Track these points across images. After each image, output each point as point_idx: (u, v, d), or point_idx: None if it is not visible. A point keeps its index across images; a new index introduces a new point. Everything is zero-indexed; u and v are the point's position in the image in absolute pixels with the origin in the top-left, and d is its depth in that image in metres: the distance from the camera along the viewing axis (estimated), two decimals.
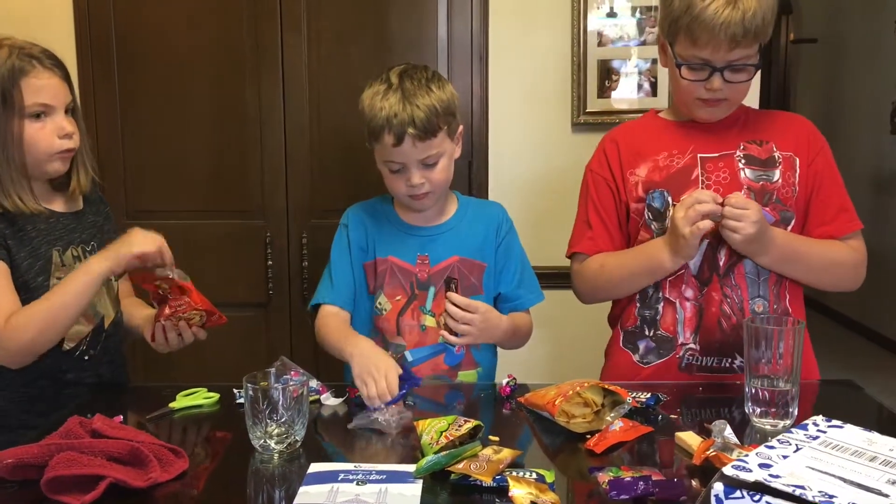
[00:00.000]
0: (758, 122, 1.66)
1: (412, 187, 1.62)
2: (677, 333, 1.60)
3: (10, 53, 1.47)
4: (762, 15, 1.48)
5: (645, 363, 1.63)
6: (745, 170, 1.59)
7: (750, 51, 1.52)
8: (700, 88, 1.56)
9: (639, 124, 1.75)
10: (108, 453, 1.13)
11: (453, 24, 2.46)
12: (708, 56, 1.52)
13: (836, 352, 4.93)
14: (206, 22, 2.46)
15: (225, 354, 2.52)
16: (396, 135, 1.56)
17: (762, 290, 1.58)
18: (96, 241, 1.64)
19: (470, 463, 1.13)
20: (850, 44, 5.48)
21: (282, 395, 1.23)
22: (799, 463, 0.92)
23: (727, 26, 1.46)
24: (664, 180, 1.61)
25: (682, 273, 1.59)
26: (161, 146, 2.52)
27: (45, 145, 1.50)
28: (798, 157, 1.61)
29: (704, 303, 1.58)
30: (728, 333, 1.57)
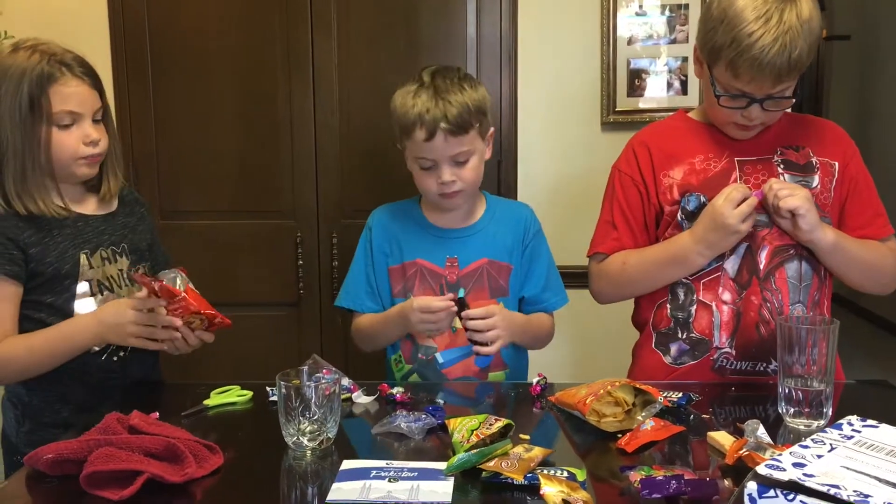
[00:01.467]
0: (793, 128, 1.64)
1: (443, 184, 1.63)
2: (713, 337, 1.58)
3: (42, 59, 1.49)
4: (808, 49, 1.44)
5: (678, 364, 1.62)
6: (785, 175, 1.57)
7: (791, 83, 1.50)
8: (737, 115, 1.54)
9: (669, 125, 1.73)
10: (145, 449, 1.15)
11: (482, 24, 2.47)
12: (749, 90, 1.49)
13: (870, 353, 4.86)
14: (238, 25, 2.49)
15: (257, 353, 2.56)
16: (429, 129, 1.58)
17: (803, 296, 1.57)
18: (126, 243, 1.66)
19: (501, 461, 1.14)
20: (883, 40, 5.40)
21: (314, 393, 1.24)
22: (833, 462, 0.92)
23: (773, 65, 1.43)
24: (701, 184, 1.59)
25: (718, 276, 1.57)
26: (194, 148, 2.55)
27: (71, 151, 1.52)
28: (836, 163, 1.60)
29: (743, 307, 1.56)
30: (766, 339, 1.55)
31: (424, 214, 1.75)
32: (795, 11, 1.43)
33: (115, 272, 1.62)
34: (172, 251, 2.57)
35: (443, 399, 1.46)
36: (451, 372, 1.68)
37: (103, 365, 1.57)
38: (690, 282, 1.60)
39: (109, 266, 1.61)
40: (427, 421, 1.33)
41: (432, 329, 1.62)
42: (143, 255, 1.70)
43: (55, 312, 1.53)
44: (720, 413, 1.40)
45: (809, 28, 1.44)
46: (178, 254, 2.58)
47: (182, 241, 2.57)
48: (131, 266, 1.65)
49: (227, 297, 2.60)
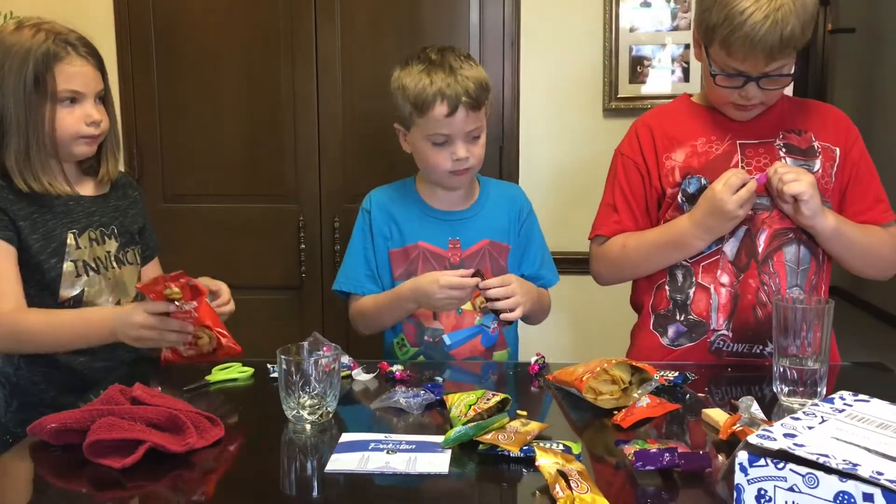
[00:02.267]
0: (795, 112, 1.65)
1: (457, 161, 1.65)
2: (710, 319, 1.60)
3: (47, 38, 1.50)
4: (801, 27, 1.45)
5: (676, 346, 1.63)
6: (787, 158, 1.58)
7: (787, 60, 1.50)
8: (734, 94, 1.55)
9: (672, 108, 1.73)
10: (147, 419, 1.17)
11: (485, 9, 2.47)
12: (744, 68, 1.50)
13: (870, 343, 4.87)
14: (242, 9, 2.50)
15: (258, 336, 2.54)
16: (451, 104, 1.60)
17: (800, 279, 1.57)
18: (116, 225, 1.66)
19: (498, 434, 1.15)
20: (888, 33, 5.39)
21: (314, 368, 1.26)
22: (824, 434, 0.93)
23: (764, 42, 1.44)
24: (702, 166, 1.60)
25: (717, 258, 1.58)
26: (197, 132, 2.57)
27: (72, 130, 1.54)
28: (837, 148, 1.60)
29: (741, 289, 1.57)
30: (762, 321, 1.56)
31: (422, 197, 1.76)
32: None
33: (103, 254, 1.62)
34: (175, 234, 2.61)
35: (441, 378, 1.48)
36: (459, 353, 1.70)
37: (90, 348, 1.57)
38: (689, 264, 1.61)
39: (98, 247, 1.61)
40: (426, 397, 1.34)
41: (455, 304, 1.63)
42: (133, 238, 1.71)
43: (43, 290, 1.54)
44: (716, 392, 1.41)
45: (802, 5, 1.44)
46: (181, 237, 2.61)
47: (185, 224, 2.59)
48: (120, 249, 1.65)
49: (230, 281, 2.60)
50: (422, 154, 1.68)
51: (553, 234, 2.51)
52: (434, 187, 1.75)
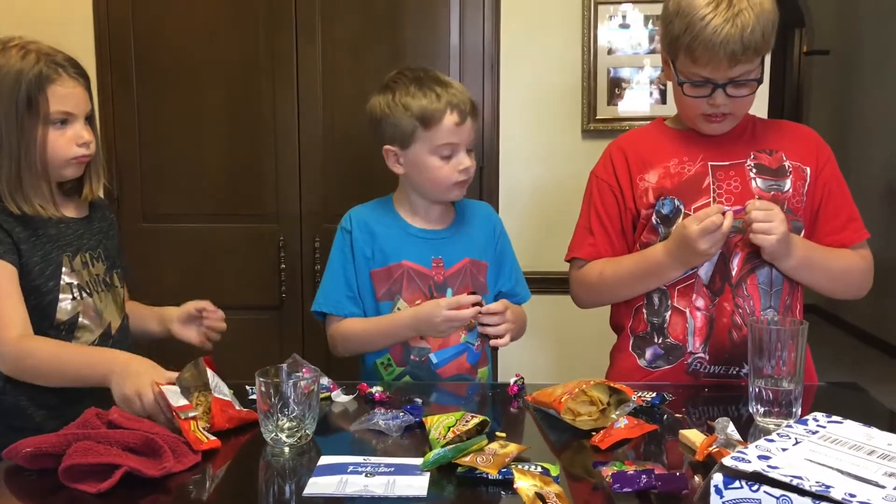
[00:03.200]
0: (766, 132, 1.66)
1: (464, 171, 1.69)
2: (687, 342, 1.61)
3: (38, 60, 1.50)
4: (761, 30, 1.48)
5: (653, 368, 1.64)
6: (757, 179, 1.60)
7: (751, 66, 1.53)
8: (703, 104, 1.57)
9: (646, 132, 1.76)
10: (124, 443, 1.16)
11: (465, 32, 2.50)
12: (709, 74, 1.53)
13: (847, 362, 4.93)
14: (223, 30, 2.51)
15: (238, 356, 2.54)
16: (461, 114, 1.67)
17: (774, 301, 1.59)
18: (102, 248, 1.65)
19: (476, 456, 1.15)
20: (861, 55, 5.49)
21: (293, 390, 1.26)
22: (798, 455, 0.94)
23: (726, 45, 1.47)
24: (675, 187, 1.62)
25: (692, 283, 1.59)
26: (177, 151, 2.56)
27: (63, 151, 1.53)
28: (808, 167, 1.62)
29: (716, 313, 1.58)
30: (738, 344, 1.57)
31: (402, 216, 1.77)
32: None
33: (93, 276, 1.61)
34: (155, 254, 2.60)
35: (420, 400, 1.48)
36: (445, 371, 1.71)
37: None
38: (665, 288, 1.63)
39: (90, 269, 1.61)
40: (405, 419, 1.34)
41: (456, 329, 1.66)
42: (115, 261, 1.70)
43: (39, 312, 1.53)
44: (693, 412, 1.42)
45: (762, 11, 1.49)
46: (161, 257, 2.60)
47: (164, 244, 2.58)
48: (107, 272, 1.64)
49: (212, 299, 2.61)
50: (425, 169, 1.69)
51: (532, 254, 2.54)
52: (414, 206, 1.76)
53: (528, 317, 1.87)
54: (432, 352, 1.70)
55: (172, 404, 1.29)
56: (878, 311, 5.06)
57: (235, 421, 1.34)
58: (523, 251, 2.51)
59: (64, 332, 1.55)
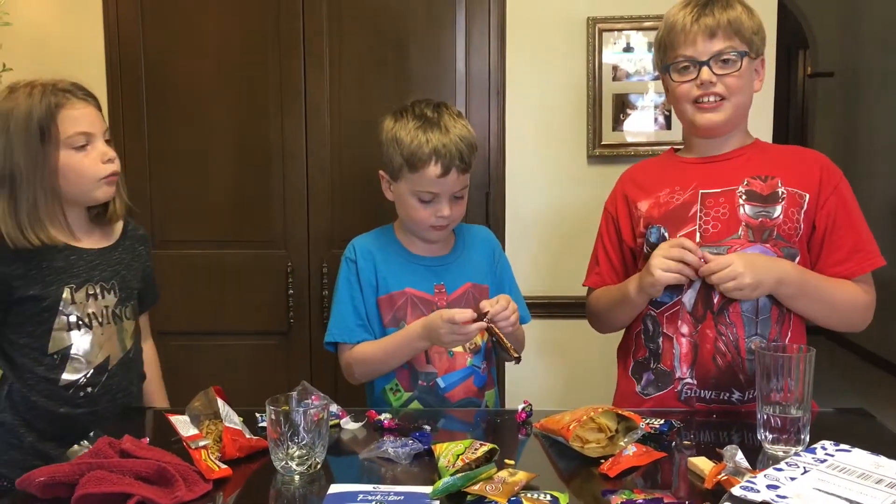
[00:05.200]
0: (766, 158, 1.65)
1: (441, 218, 1.67)
2: (674, 368, 1.61)
3: (44, 91, 1.53)
4: (737, 13, 1.57)
5: (645, 395, 1.66)
6: (745, 206, 1.59)
7: (731, 42, 1.57)
8: (693, 89, 1.60)
9: (653, 161, 1.80)
10: (136, 472, 1.17)
11: (471, 59, 2.52)
12: (690, 53, 1.58)
13: (854, 383, 4.91)
14: (233, 57, 2.54)
15: (247, 382, 2.57)
16: (445, 166, 1.63)
17: (760, 328, 1.57)
18: (117, 280, 1.65)
19: (486, 485, 1.16)
20: (865, 77, 5.51)
21: (303, 419, 1.26)
22: (806, 484, 0.95)
23: (702, 18, 1.57)
24: (661, 216, 1.64)
25: (678, 309, 1.61)
26: (187, 178, 2.59)
27: (92, 171, 1.56)
28: (807, 194, 1.59)
29: (699, 339, 1.59)
30: (723, 370, 1.57)
31: (403, 244, 1.78)
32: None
33: (101, 308, 1.61)
34: (163, 280, 2.60)
35: (429, 427, 1.48)
36: (453, 395, 1.71)
37: (69, 398, 1.57)
38: (655, 315, 1.65)
39: (95, 302, 1.61)
40: (414, 446, 1.35)
41: (461, 340, 1.63)
42: (132, 293, 1.70)
43: (32, 342, 1.56)
44: (701, 439, 1.42)
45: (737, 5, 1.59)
46: (169, 283, 2.61)
47: (173, 270, 2.60)
48: (117, 304, 1.65)
49: (218, 327, 2.64)
50: (405, 207, 1.71)
51: (539, 278, 2.55)
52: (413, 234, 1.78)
53: (536, 341, 1.88)
54: (439, 376, 1.71)
55: (182, 434, 1.30)
56: (886, 334, 5.04)
57: (246, 449, 1.34)
58: (530, 276, 2.53)
59: (58, 362, 1.56)
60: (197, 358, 2.61)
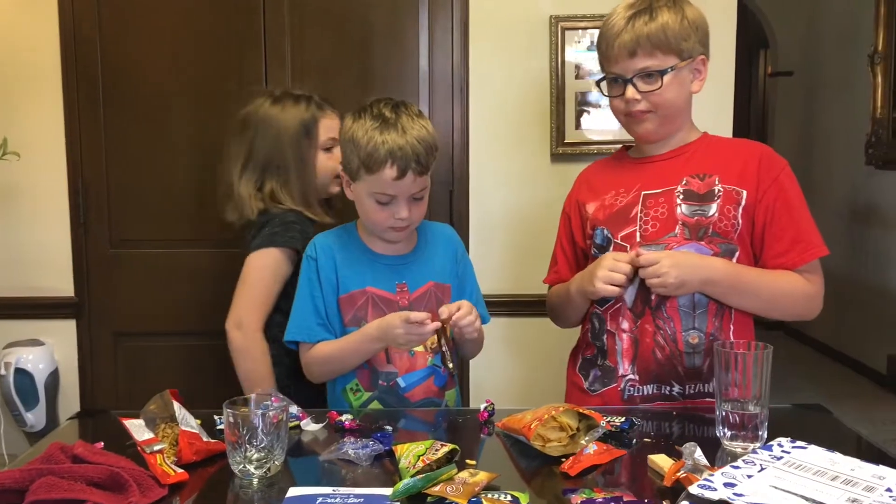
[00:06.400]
0: (707, 155, 1.67)
1: (399, 220, 1.65)
2: (618, 364, 1.65)
3: (308, 102, 1.99)
4: (658, 27, 1.58)
5: (592, 391, 1.69)
6: (682, 205, 1.62)
7: (654, 60, 1.59)
8: (622, 103, 1.64)
9: (605, 162, 1.83)
10: (89, 478, 1.14)
11: (434, 57, 2.51)
12: (617, 70, 1.62)
13: (814, 378, 4.99)
14: (192, 54, 2.51)
15: (208, 381, 2.53)
16: (401, 168, 1.60)
17: (698, 322, 1.60)
18: None
19: (446, 486, 1.15)
20: (825, 77, 5.60)
21: (261, 421, 1.25)
22: (763, 482, 0.95)
23: (621, 37, 1.59)
24: (606, 218, 1.68)
25: (619, 306, 1.64)
26: (145, 175, 2.55)
27: (332, 170, 1.99)
28: (745, 191, 1.61)
29: (639, 334, 1.62)
30: (663, 363, 1.61)
31: (365, 242, 1.77)
32: (651, 2, 1.61)
33: None
34: (123, 281, 2.57)
35: (391, 427, 1.47)
36: (413, 395, 1.70)
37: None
38: (601, 312, 1.68)
39: None
40: (374, 447, 1.34)
41: (416, 341, 1.61)
42: None
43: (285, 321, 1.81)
44: (661, 436, 1.43)
45: (662, 13, 1.59)
46: (129, 283, 2.57)
47: (133, 270, 2.56)
48: None
49: (178, 327, 2.60)
50: (364, 208, 1.69)
51: (503, 276, 2.55)
52: None
53: (500, 339, 1.88)
54: (399, 376, 1.70)
55: (137, 438, 1.27)
56: (842, 328, 5.14)
57: (203, 453, 1.32)
58: (493, 274, 2.53)
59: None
60: (156, 359, 2.58)
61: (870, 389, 4.72)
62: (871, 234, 4.90)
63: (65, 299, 2.60)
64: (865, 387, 4.78)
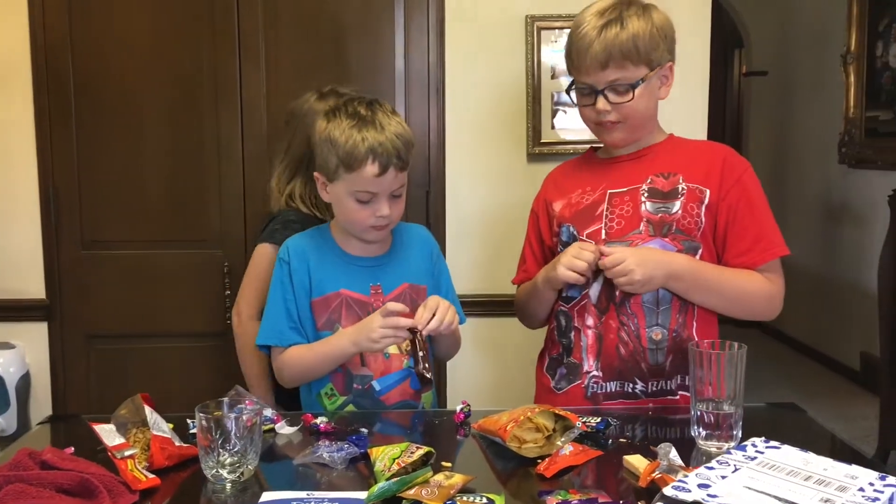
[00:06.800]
0: (672, 155, 1.69)
1: (380, 218, 1.64)
2: (583, 360, 1.66)
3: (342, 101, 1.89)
4: (629, 38, 1.57)
5: (558, 389, 1.69)
6: (647, 203, 1.63)
7: (625, 72, 1.59)
8: (592, 112, 1.64)
9: (574, 162, 1.85)
10: (58, 485, 1.13)
11: (410, 56, 2.51)
12: (588, 80, 1.61)
13: (788, 376, 5.03)
14: (165, 53, 2.48)
15: (183, 383, 2.52)
16: (382, 164, 1.59)
17: (661, 318, 1.61)
18: None
19: (421, 489, 1.15)
20: (798, 76, 5.65)
21: (235, 425, 1.23)
22: (737, 483, 0.96)
23: (592, 49, 1.58)
24: (572, 216, 1.70)
25: (585, 302, 1.65)
26: (118, 176, 2.52)
27: None
28: (708, 189, 1.63)
29: (603, 330, 1.64)
30: (626, 360, 1.62)
31: (339, 244, 1.75)
32: (620, 10, 1.60)
33: None
34: (95, 282, 2.54)
35: (366, 430, 1.46)
36: (388, 398, 1.68)
37: None
38: (567, 309, 1.69)
39: None
40: (349, 450, 1.33)
41: (391, 336, 1.57)
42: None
43: None
44: (637, 437, 1.43)
45: (636, 20, 1.59)
46: (101, 285, 2.54)
47: (105, 272, 2.53)
48: None
49: (151, 329, 2.57)
50: (343, 208, 1.67)
51: (479, 276, 2.55)
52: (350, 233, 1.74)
53: (476, 339, 1.88)
54: (374, 379, 1.68)
55: (108, 444, 1.25)
56: (818, 326, 5.19)
57: (175, 458, 1.30)
58: (470, 274, 2.53)
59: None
60: (129, 362, 2.55)
61: (844, 386, 4.76)
62: (844, 233, 4.95)
63: (36, 301, 2.56)
64: (840, 384, 4.83)
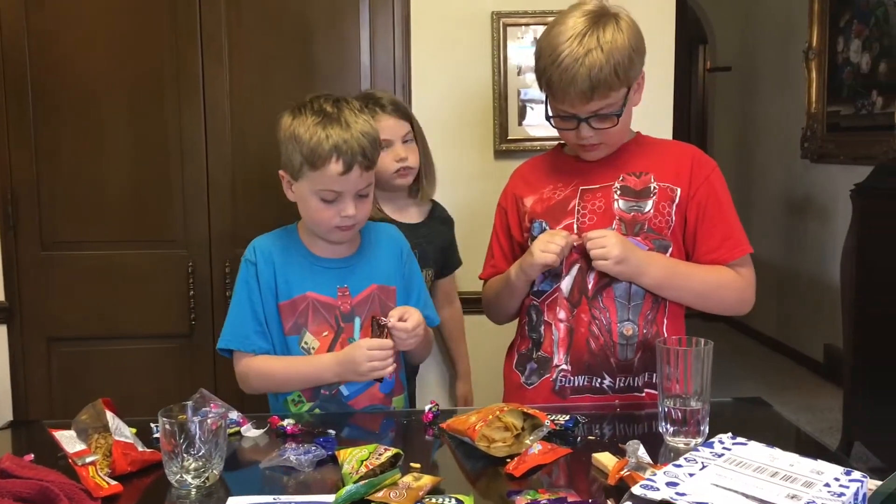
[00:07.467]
0: (642, 154, 1.70)
1: (345, 218, 1.61)
2: (553, 354, 1.66)
3: (367, 102, 1.98)
4: (611, 68, 1.54)
5: (529, 384, 1.69)
6: (619, 201, 1.65)
7: (607, 100, 1.58)
8: (573, 136, 1.64)
9: (542, 158, 1.85)
10: (16, 494, 1.10)
11: (376, 52, 2.48)
12: (570, 109, 1.60)
13: (756, 368, 5.10)
14: (126, 50, 2.43)
15: (148, 386, 2.48)
16: (346, 163, 1.57)
17: (632, 314, 1.62)
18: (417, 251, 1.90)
19: (389, 491, 1.14)
20: (762, 72, 5.71)
21: (199, 429, 1.21)
22: (705, 480, 0.96)
23: (574, 84, 1.54)
24: (544, 211, 1.70)
25: (556, 296, 1.66)
26: (78, 175, 2.46)
27: (391, 168, 2.03)
28: (678, 188, 1.65)
29: (574, 324, 1.64)
30: (596, 354, 1.63)
31: (306, 245, 1.72)
32: (597, 35, 1.54)
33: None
34: (55, 284, 2.49)
35: (334, 431, 1.45)
36: (356, 403, 1.66)
37: None
38: (538, 304, 1.69)
39: None
40: (317, 453, 1.31)
41: (378, 368, 1.57)
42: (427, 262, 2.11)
43: None
44: (605, 434, 1.44)
45: (613, 47, 1.54)
46: (62, 287, 2.49)
47: (66, 273, 2.48)
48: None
49: (114, 331, 2.53)
50: (307, 208, 1.65)
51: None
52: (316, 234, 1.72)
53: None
54: (342, 384, 1.66)
55: (68, 450, 1.22)
56: (783, 319, 5.26)
57: (138, 463, 1.28)
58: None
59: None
60: (91, 365, 2.50)
61: (809, 378, 4.84)
62: (807, 226, 5.02)
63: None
64: (805, 376, 4.90)
